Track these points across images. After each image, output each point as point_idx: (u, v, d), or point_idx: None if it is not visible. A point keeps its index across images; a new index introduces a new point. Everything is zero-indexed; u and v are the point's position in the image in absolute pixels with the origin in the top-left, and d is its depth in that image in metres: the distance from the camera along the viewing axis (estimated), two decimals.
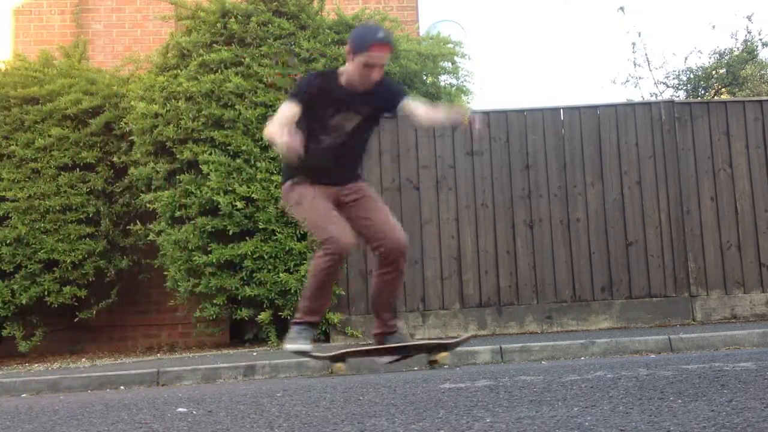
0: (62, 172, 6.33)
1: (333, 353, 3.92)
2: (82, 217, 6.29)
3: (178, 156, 5.87)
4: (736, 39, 14.66)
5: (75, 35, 7.79)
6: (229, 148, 5.79)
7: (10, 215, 6.21)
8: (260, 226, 5.69)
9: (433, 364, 3.84)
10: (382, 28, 3.89)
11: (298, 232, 5.73)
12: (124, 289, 6.60)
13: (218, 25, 6.08)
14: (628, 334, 5.12)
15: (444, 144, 6.14)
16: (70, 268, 6.16)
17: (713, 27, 25.56)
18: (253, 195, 5.69)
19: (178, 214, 5.81)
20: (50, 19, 8.01)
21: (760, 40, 14.00)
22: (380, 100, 3.69)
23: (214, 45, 6.03)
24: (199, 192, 5.72)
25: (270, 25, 6.03)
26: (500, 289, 5.97)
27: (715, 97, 13.38)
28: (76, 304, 6.27)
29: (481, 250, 6.03)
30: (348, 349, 4.04)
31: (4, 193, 6.24)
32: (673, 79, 14.69)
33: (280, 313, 5.74)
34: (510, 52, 30.34)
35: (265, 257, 5.66)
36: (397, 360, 3.92)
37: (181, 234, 5.73)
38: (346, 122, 3.68)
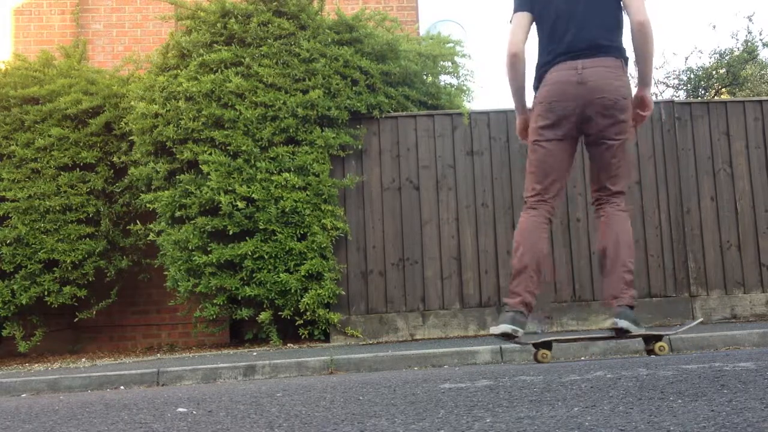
0: (62, 172, 6.33)
1: (540, 340, 3.65)
2: (82, 217, 6.29)
3: (178, 156, 5.88)
4: (737, 39, 14.71)
5: (75, 35, 7.79)
6: (229, 148, 5.79)
7: (10, 215, 6.21)
8: (260, 226, 5.69)
9: (650, 353, 3.55)
10: None
11: (298, 232, 5.73)
12: (124, 289, 6.61)
13: (218, 25, 6.08)
14: None
15: (444, 144, 6.14)
16: (70, 268, 6.16)
17: (714, 27, 25.64)
18: (253, 195, 5.69)
19: (178, 214, 5.81)
20: (50, 19, 8.01)
21: (761, 40, 14.02)
22: None
23: (214, 45, 6.03)
24: (199, 192, 5.72)
25: (270, 25, 6.03)
26: (500, 289, 5.98)
27: (715, 97, 13.37)
28: (76, 304, 6.27)
29: (481, 250, 6.04)
30: (556, 338, 3.79)
31: (4, 193, 6.24)
32: (674, 79, 14.73)
33: (280, 313, 5.75)
34: None
35: (265, 257, 5.66)
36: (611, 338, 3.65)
37: (181, 234, 5.74)
38: None
